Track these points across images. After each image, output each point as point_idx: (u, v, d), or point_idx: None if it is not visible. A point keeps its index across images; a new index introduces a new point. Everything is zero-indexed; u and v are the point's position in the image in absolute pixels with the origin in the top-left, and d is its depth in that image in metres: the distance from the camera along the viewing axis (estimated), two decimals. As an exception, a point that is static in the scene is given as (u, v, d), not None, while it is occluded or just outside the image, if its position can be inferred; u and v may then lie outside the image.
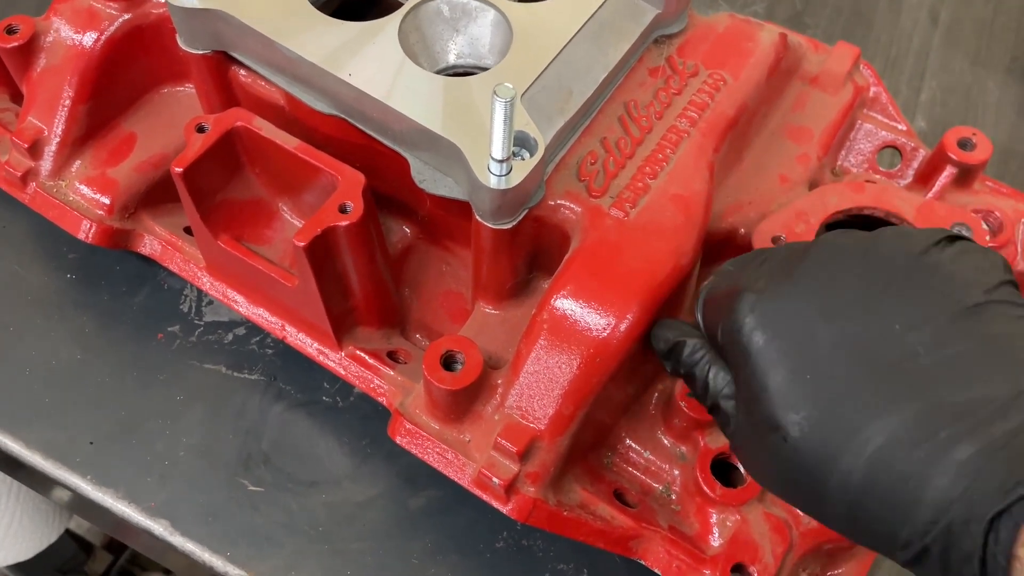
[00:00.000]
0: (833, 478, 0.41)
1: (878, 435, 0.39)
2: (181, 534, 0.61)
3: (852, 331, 0.42)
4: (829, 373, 0.42)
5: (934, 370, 0.40)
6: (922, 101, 0.88)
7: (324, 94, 0.57)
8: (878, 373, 0.41)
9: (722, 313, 0.47)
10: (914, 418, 0.39)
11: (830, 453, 0.41)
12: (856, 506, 0.40)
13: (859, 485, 0.40)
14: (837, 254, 0.45)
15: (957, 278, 0.43)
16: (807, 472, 0.42)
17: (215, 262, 0.64)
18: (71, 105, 0.65)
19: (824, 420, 0.41)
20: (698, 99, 0.60)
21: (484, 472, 0.53)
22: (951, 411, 0.39)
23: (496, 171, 0.50)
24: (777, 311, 0.44)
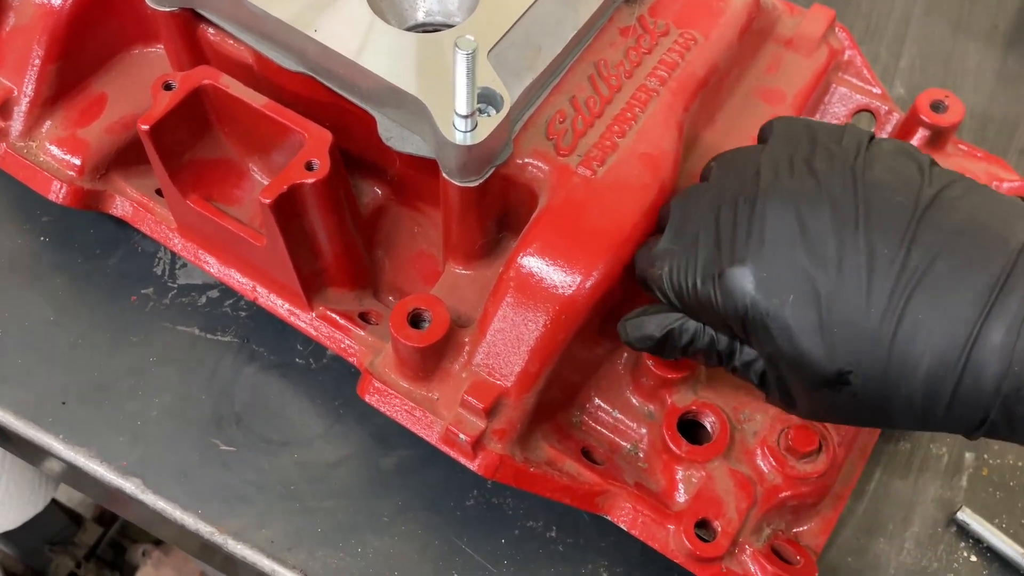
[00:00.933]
0: (895, 405, 0.44)
1: (923, 354, 0.42)
2: (152, 492, 0.61)
3: (849, 269, 0.44)
4: (852, 317, 0.43)
5: (936, 273, 0.43)
6: (901, 67, 0.87)
7: (291, 51, 0.57)
8: (894, 299, 0.43)
9: (712, 299, 0.47)
10: (945, 326, 0.42)
11: (888, 389, 0.44)
12: (924, 418, 0.44)
13: (922, 402, 0.44)
14: (793, 201, 0.46)
15: (902, 177, 0.46)
16: (871, 409, 0.45)
17: (186, 223, 0.64)
18: (41, 65, 0.65)
19: (870, 362, 0.43)
20: (668, 58, 0.60)
21: (451, 429, 0.53)
22: (969, 306, 0.42)
23: (461, 127, 0.50)
24: (771, 278, 0.45)
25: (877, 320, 0.43)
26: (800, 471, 0.56)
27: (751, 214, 0.47)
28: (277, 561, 0.60)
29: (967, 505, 0.63)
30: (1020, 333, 0.41)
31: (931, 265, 0.43)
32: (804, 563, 0.56)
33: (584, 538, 0.61)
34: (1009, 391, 0.41)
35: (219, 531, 0.60)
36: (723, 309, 0.47)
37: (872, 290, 0.43)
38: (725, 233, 0.47)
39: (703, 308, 0.49)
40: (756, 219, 0.46)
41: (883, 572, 0.62)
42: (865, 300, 0.43)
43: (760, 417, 0.58)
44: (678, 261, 0.49)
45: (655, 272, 0.51)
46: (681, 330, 0.51)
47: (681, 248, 0.50)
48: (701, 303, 0.48)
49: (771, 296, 0.45)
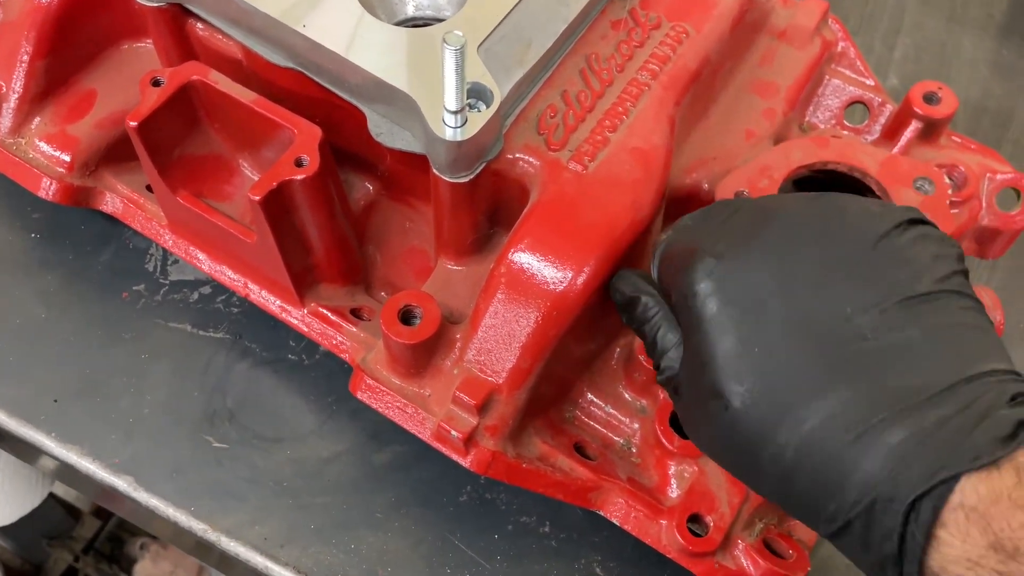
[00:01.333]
0: (767, 451, 0.42)
1: (815, 415, 0.40)
2: (145, 489, 0.61)
3: (804, 308, 0.42)
4: (776, 348, 0.42)
5: (877, 355, 0.41)
6: (896, 58, 0.87)
7: (280, 47, 0.56)
8: (823, 353, 0.41)
9: (678, 273, 0.47)
10: (851, 400, 0.40)
11: (767, 427, 0.41)
12: (786, 480, 0.42)
13: (791, 461, 0.41)
14: (800, 227, 0.45)
15: (912, 264, 0.43)
16: (743, 442, 0.43)
17: (176, 219, 0.63)
18: (29, 61, 0.65)
19: (765, 394, 0.42)
20: (660, 52, 0.59)
21: (443, 425, 0.53)
22: (888, 396, 0.39)
23: (451, 123, 0.50)
24: (733, 279, 0.44)
25: (795, 362, 0.41)
26: (793, 465, 0.56)
27: (758, 221, 0.46)
28: (270, 558, 0.60)
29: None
30: (918, 446, 0.38)
31: (880, 348, 0.41)
32: (797, 557, 0.56)
33: (577, 533, 0.61)
34: (879, 497, 0.38)
35: (212, 528, 0.60)
36: (680, 286, 0.47)
37: (810, 338, 0.41)
38: (728, 227, 0.47)
39: (668, 278, 0.49)
40: (758, 226, 0.46)
41: (876, 565, 0.62)
42: (797, 342, 0.42)
43: (753, 412, 0.58)
44: (681, 233, 0.50)
45: (661, 235, 0.51)
46: (642, 303, 0.50)
47: (692, 224, 0.50)
48: (669, 272, 0.48)
49: (721, 292, 0.44)
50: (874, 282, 0.43)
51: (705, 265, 0.45)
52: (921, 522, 0.37)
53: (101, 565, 1.46)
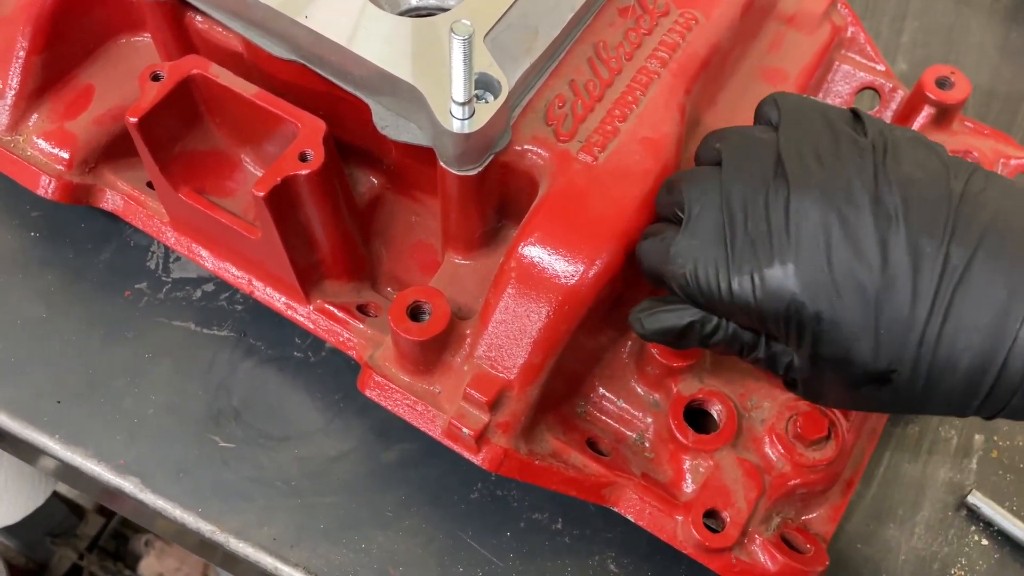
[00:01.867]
0: (934, 399, 0.45)
1: (966, 353, 0.43)
2: (151, 491, 0.61)
3: (893, 268, 0.43)
4: (898, 315, 0.43)
5: (976, 272, 0.43)
6: (903, 42, 0.86)
7: (282, 39, 0.55)
8: (940, 295, 0.43)
9: (757, 298, 0.45)
10: (988, 322, 0.42)
11: (930, 386, 0.44)
12: (958, 409, 0.45)
13: (960, 399, 0.44)
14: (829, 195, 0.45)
15: (937, 180, 0.46)
16: (907, 403, 0.46)
17: (178, 216, 0.62)
18: (25, 57, 0.63)
19: (913, 361, 0.44)
20: (669, 39, 0.58)
21: (454, 423, 0.52)
22: (1009, 301, 0.42)
23: (458, 114, 0.49)
24: (824, 276, 0.44)
25: (923, 320, 0.43)
26: (809, 458, 0.55)
27: (786, 210, 0.45)
28: (280, 559, 0.59)
29: (977, 488, 0.63)
30: None
31: (970, 263, 0.43)
32: (814, 551, 0.56)
33: (591, 529, 0.61)
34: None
35: (220, 529, 0.59)
36: (761, 310, 0.46)
37: (918, 290, 0.43)
38: (758, 229, 0.46)
39: (735, 308, 0.47)
40: (792, 216, 0.45)
41: (893, 558, 0.61)
42: (911, 300, 0.43)
43: (767, 404, 0.57)
44: (704, 259, 0.47)
45: (674, 270, 0.48)
46: (703, 323, 0.49)
47: (704, 244, 0.47)
48: (735, 303, 0.46)
49: (818, 297, 0.44)
50: (922, 197, 0.45)
51: (786, 278, 0.45)
52: None
53: (106, 562, 1.46)
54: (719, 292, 0.46)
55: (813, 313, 0.44)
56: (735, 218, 0.47)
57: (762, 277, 0.45)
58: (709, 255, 0.47)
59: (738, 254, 0.46)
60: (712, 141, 0.52)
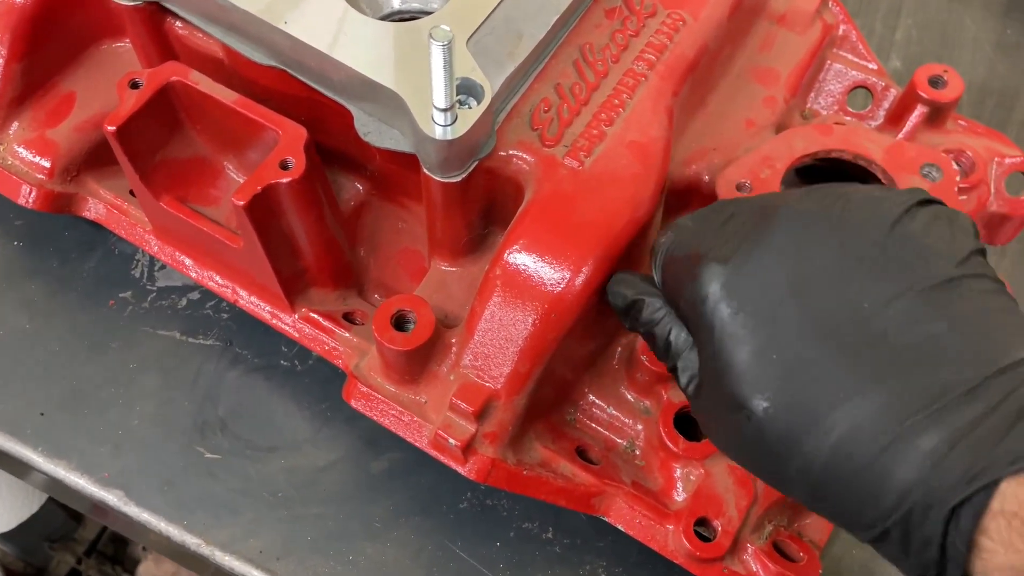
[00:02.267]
0: (795, 461, 0.40)
1: (842, 422, 0.38)
2: (136, 504, 0.60)
3: (821, 308, 0.40)
4: (796, 353, 0.40)
5: (903, 352, 0.39)
6: (897, 40, 0.85)
7: (261, 44, 0.54)
8: (844, 356, 0.39)
9: (684, 280, 0.45)
10: (880, 405, 0.38)
11: (793, 438, 0.40)
12: (818, 489, 0.40)
13: (821, 470, 0.39)
14: (805, 222, 0.43)
15: (929, 251, 0.41)
16: (770, 452, 0.41)
17: (161, 225, 0.62)
18: (4, 64, 0.62)
19: (789, 403, 0.40)
20: (656, 40, 0.57)
21: (440, 433, 0.52)
22: (918, 397, 0.38)
23: (440, 121, 0.48)
24: (744, 284, 0.42)
25: (815, 369, 0.39)
26: (801, 466, 0.54)
27: (760, 221, 0.44)
28: (266, 572, 0.58)
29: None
30: (952, 450, 0.36)
31: (904, 345, 0.39)
32: (807, 559, 0.55)
33: (581, 538, 0.60)
34: (916, 506, 0.37)
35: (205, 543, 0.59)
36: (687, 294, 0.45)
37: (829, 340, 0.39)
38: (732, 229, 0.45)
39: (673, 285, 0.47)
40: (763, 226, 0.44)
41: (888, 564, 0.60)
42: (817, 346, 0.40)
43: (759, 411, 0.57)
44: (682, 235, 0.48)
45: (660, 237, 0.49)
46: (648, 305, 0.49)
47: (693, 226, 0.48)
48: (675, 278, 0.46)
49: (730, 299, 0.42)
50: (890, 273, 0.40)
51: (711, 271, 0.43)
52: (962, 530, 0.36)
53: (104, 567, 1.45)
54: (671, 264, 0.47)
55: (715, 309, 0.42)
56: (726, 215, 0.46)
57: (700, 263, 0.44)
58: (687, 233, 0.47)
59: (705, 241, 0.45)
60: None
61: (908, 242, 0.41)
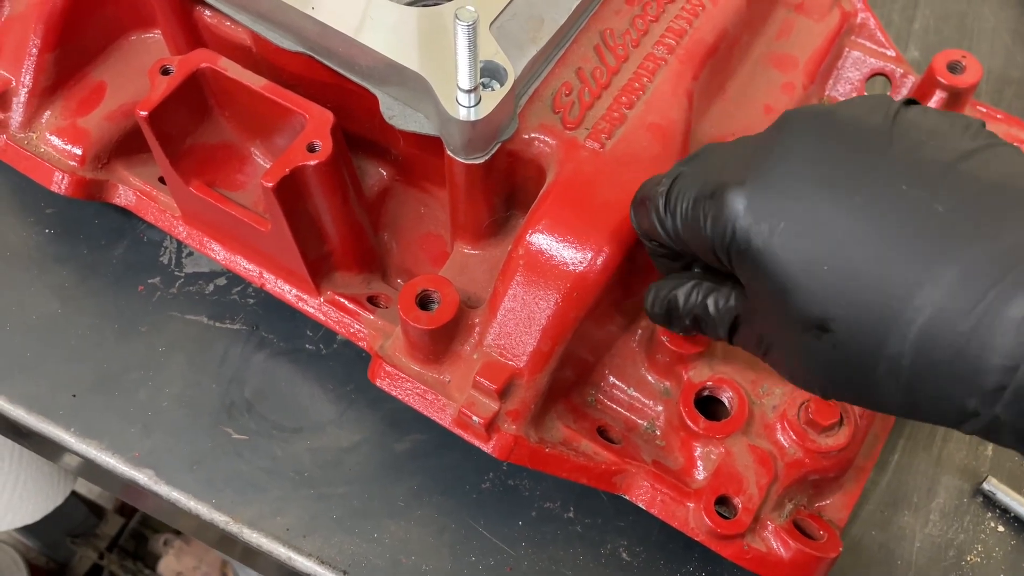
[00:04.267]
0: (881, 365, 0.38)
1: (922, 310, 0.36)
2: (166, 483, 0.61)
3: (859, 200, 0.38)
4: (851, 253, 0.38)
5: (958, 224, 0.36)
6: (915, 29, 0.85)
7: (289, 31, 0.55)
8: (904, 240, 0.37)
9: (704, 224, 0.43)
10: (956, 282, 0.35)
11: (874, 340, 0.37)
12: (912, 389, 0.38)
13: (911, 367, 0.37)
14: (809, 128, 0.41)
15: (938, 130, 0.40)
16: (852, 366, 0.39)
17: (189, 210, 0.63)
18: (38, 54, 0.64)
19: (859, 308, 0.37)
20: (676, 25, 0.58)
21: (464, 411, 0.53)
22: (992, 264, 0.35)
23: (464, 102, 0.49)
24: (772, 197, 0.40)
25: (875, 262, 0.37)
26: (821, 445, 0.55)
27: (764, 136, 0.43)
28: (293, 549, 0.59)
29: (993, 475, 0.62)
30: None
31: (954, 213, 0.36)
32: (828, 538, 0.55)
33: (602, 518, 0.60)
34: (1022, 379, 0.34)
35: (234, 520, 0.60)
36: (710, 233, 0.42)
37: (878, 229, 0.37)
38: (737, 155, 0.43)
39: (691, 234, 0.44)
40: (773, 143, 0.42)
41: (908, 544, 0.60)
42: (866, 238, 0.37)
43: (779, 391, 0.57)
44: (682, 181, 0.45)
45: (655, 191, 0.46)
46: (685, 293, 0.48)
47: (690, 169, 0.46)
48: (689, 227, 0.44)
49: (761, 221, 0.39)
50: (914, 154, 0.39)
51: (732, 199, 0.41)
52: None
53: (126, 562, 1.47)
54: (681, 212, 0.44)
55: (747, 236, 0.40)
56: (727, 148, 0.45)
57: (715, 196, 0.42)
58: (688, 177, 0.45)
59: (711, 176, 0.43)
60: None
61: (915, 126, 0.40)
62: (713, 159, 0.46)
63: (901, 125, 0.40)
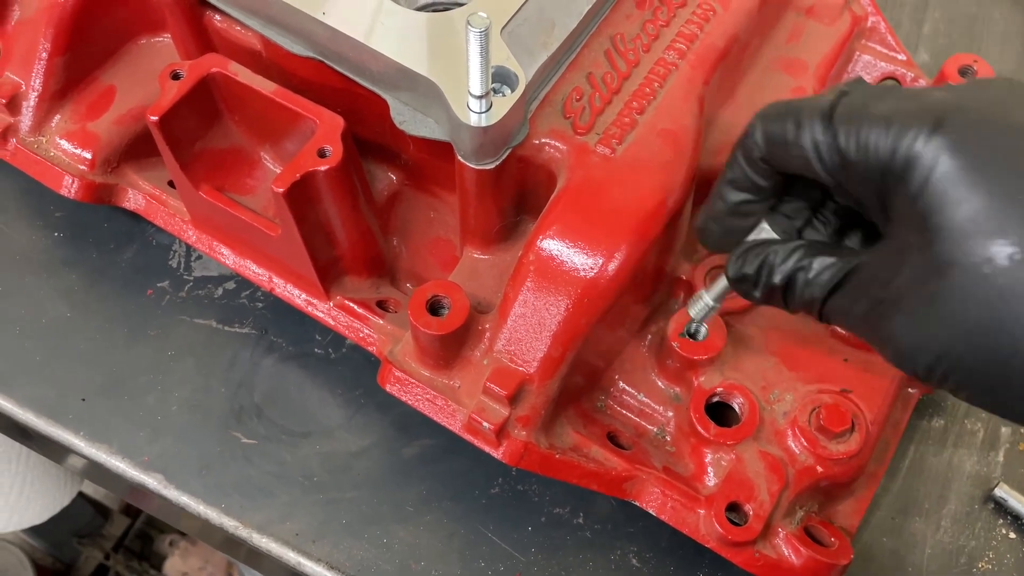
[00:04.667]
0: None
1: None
2: (175, 487, 0.61)
3: None
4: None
5: None
6: (925, 33, 0.85)
7: (299, 35, 0.55)
8: None
9: (870, 147, 0.38)
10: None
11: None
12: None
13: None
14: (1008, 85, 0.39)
15: None
16: (1014, 311, 0.34)
17: (199, 214, 0.63)
18: (48, 58, 0.64)
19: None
20: (687, 30, 0.58)
21: (474, 417, 0.52)
22: None
23: (475, 108, 0.49)
24: (967, 133, 0.36)
25: None
26: (833, 451, 0.55)
27: (946, 91, 0.39)
28: (302, 554, 0.59)
29: (1004, 481, 0.62)
30: None
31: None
32: (839, 545, 0.55)
33: (612, 524, 0.60)
34: None
35: (243, 525, 0.60)
36: (882, 163, 0.38)
37: None
38: (917, 96, 0.39)
39: (863, 156, 0.39)
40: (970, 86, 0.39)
41: (919, 551, 0.60)
42: None
43: (790, 397, 0.57)
44: (858, 98, 0.40)
45: (814, 105, 0.41)
46: (786, 250, 0.44)
47: (864, 91, 0.41)
48: (863, 149, 0.39)
49: (957, 152, 0.36)
50: None
51: (936, 146, 0.36)
52: None
53: (131, 562, 1.47)
54: (853, 132, 0.40)
55: (942, 201, 0.36)
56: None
57: (912, 134, 0.38)
58: (864, 92, 0.41)
59: (897, 102, 0.39)
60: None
61: None
62: (875, 91, 0.42)
63: None
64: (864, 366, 0.58)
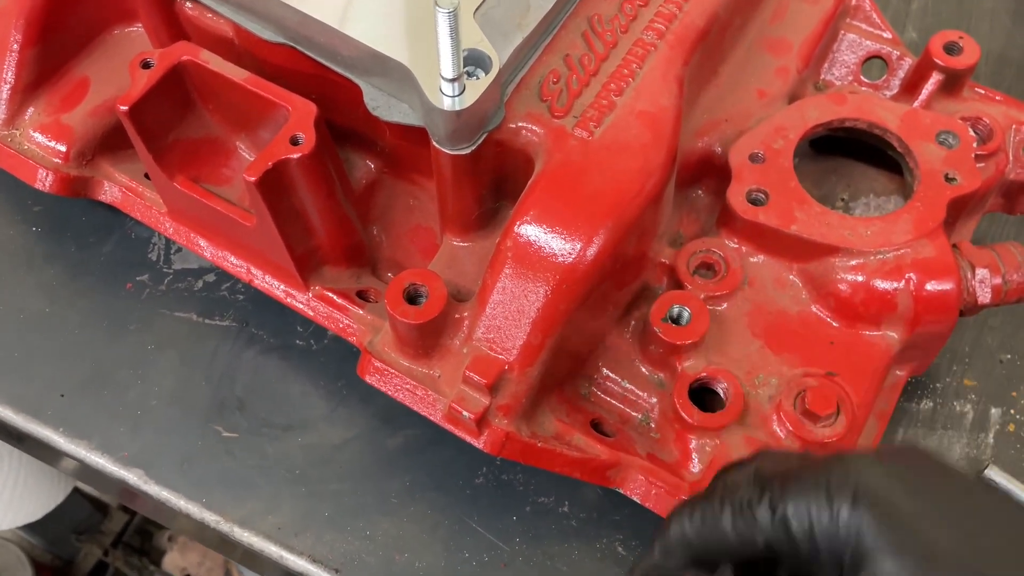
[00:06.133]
0: None
1: None
2: (156, 482, 0.60)
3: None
4: None
5: None
6: (913, 10, 0.84)
7: (270, 21, 0.54)
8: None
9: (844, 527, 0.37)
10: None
11: None
12: None
13: None
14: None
15: None
16: None
17: (175, 206, 0.62)
18: (20, 50, 0.63)
19: None
20: (665, 10, 0.57)
21: (454, 406, 0.52)
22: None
23: (448, 92, 0.48)
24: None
25: None
26: (818, 435, 0.54)
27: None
28: (284, 547, 0.58)
29: (995, 463, 0.61)
30: None
31: None
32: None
33: (597, 512, 0.60)
34: None
35: (224, 519, 0.59)
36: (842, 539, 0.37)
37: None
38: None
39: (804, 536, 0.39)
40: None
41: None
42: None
43: (775, 381, 0.56)
44: (775, 479, 0.40)
45: (739, 495, 0.41)
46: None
47: (773, 464, 0.41)
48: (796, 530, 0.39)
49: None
50: None
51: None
52: None
53: (131, 558, 1.47)
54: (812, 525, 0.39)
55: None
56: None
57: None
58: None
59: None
60: None
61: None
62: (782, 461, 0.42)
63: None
64: (850, 349, 0.57)
